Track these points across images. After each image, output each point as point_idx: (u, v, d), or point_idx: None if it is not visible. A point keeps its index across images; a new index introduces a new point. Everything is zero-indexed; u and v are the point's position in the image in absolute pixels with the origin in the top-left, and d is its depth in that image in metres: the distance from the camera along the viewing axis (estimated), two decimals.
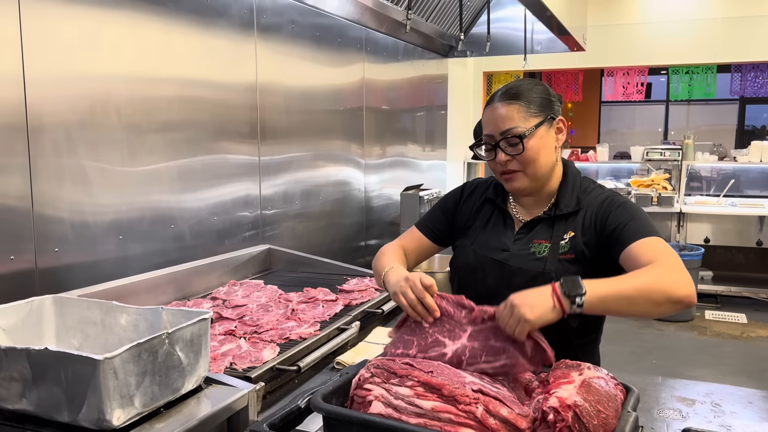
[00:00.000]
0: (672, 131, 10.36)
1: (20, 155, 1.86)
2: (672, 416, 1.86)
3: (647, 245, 1.39)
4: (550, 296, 1.25)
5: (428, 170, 5.24)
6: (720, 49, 6.62)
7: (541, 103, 1.54)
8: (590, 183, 1.63)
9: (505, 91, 1.55)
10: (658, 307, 1.28)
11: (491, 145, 1.55)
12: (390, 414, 1.15)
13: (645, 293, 1.27)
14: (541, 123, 1.53)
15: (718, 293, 6.30)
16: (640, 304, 1.27)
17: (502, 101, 1.54)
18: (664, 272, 1.30)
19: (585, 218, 1.54)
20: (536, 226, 1.59)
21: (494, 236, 1.63)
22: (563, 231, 1.55)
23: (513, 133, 1.51)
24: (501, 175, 1.57)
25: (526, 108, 1.52)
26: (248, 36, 2.85)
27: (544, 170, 1.56)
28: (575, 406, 1.09)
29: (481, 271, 1.60)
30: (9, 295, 1.66)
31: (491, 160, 1.56)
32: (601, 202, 1.55)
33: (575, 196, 1.57)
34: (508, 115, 1.52)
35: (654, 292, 1.27)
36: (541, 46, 5.35)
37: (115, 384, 1.22)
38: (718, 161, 6.67)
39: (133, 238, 2.26)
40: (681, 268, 1.32)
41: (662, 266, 1.31)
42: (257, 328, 1.96)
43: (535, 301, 1.24)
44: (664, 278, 1.28)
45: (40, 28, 1.90)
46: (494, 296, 1.38)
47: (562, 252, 1.52)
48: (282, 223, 3.18)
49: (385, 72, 4.32)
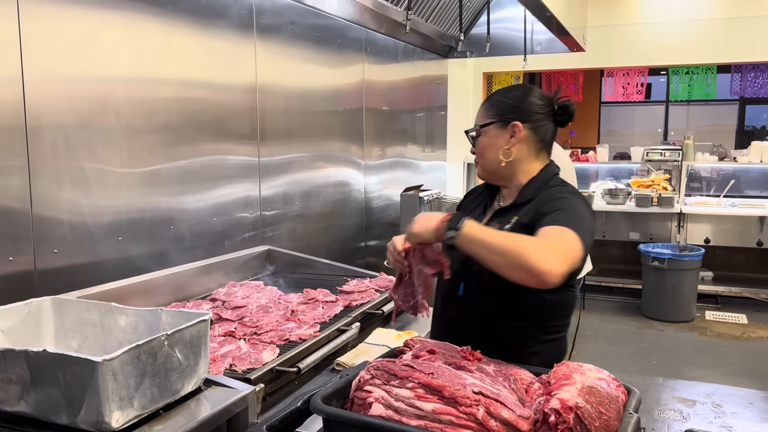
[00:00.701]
0: (672, 132, 10.36)
1: (19, 156, 1.86)
2: (673, 417, 1.86)
3: (552, 228, 1.44)
4: (437, 221, 1.42)
5: (428, 171, 5.24)
6: (720, 50, 6.62)
7: (503, 107, 1.70)
8: (560, 183, 1.70)
9: (490, 95, 1.78)
10: (514, 269, 1.32)
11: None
12: (390, 416, 1.14)
13: (508, 252, 1.32)
14: (490, 124, 1.70)
15: (719, 294, 6.29)
16: (499, 259, 1.33)
17: (482, 105, 1.76)
18: (539, 245, 1.35)
19: (532, 206, 1.62)
20: (499, 215, 1.73)
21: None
22: (512, 216, 1.65)
23: (470, 132, 1.77)
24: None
25: (487, 109, 1.72)
26: (248, 37, 2.85)
27: (492, 166, 1.72)
28: (577, 408, 1.08)
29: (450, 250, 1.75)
30: (8, 297, 1.66)
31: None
32: (550, 193, 1.63)
33: (534, 189, 1.67)
34: (477, 116, 1.75)
35: (516, 255, 1.31)
36: (541, 46, 5.34)
37: (114, 386, 1.21)
38: (718, 162, 6.67)
39: (132, 240, 2.26)
40: (558, 250, 1.35)
41: (542, 241, 1.38)
42: (257, 329, 1.96)
43: (424, 220, 1.47)
44: (533, 249, 1.32)
45: (39, 29, 1.90)
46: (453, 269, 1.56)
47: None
48: (282, 224, 3.18)
49: (384, 73, 4.32)
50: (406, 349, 1.42)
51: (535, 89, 1.73)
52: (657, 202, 6.25)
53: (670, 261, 5.69)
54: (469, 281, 1.65)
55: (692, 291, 5.83)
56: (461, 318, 1.67)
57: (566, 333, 1.74)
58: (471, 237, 1.36)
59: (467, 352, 1.36)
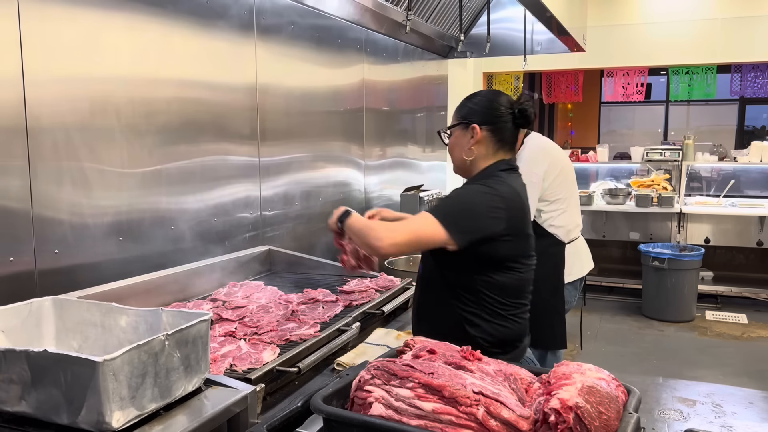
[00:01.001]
0: (672, 132, 10.37)
1: (19, 157, 1.86)
2: (673, 417, 1.86)
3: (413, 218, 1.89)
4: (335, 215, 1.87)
5: (428, 171, 5.24)
6: (720, 50, 6.62)
7: (465, 110, 1.94)
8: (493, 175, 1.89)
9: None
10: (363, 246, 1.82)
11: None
12: (390, 416, 1.15)
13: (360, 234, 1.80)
14: (455, 125, 1.94)
15: (719, 294, 6.29)
16: (357, 240, 1.82)
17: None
18: (381, 226, 1.79)
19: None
20: None
21: None
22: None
23: (441, 130, 2.02)
24: None
25: (455, 113, 1.96)
26: (248, 37, 2.85)
27: (458, 162, 1.97)
28: (577, 408, 1.08)
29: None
30: (8, 297, 1.66)
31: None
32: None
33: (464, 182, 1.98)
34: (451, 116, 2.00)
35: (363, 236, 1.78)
36: (541, 46, 5.34)
37: (114, 386, 1.21)
38: (718, 161, 6.67)
39: (132, 240, 2.26)
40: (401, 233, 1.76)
41: (385, 228, 1.78)
42: (257, 329, 1.96)
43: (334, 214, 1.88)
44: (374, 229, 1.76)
45: (40, 29, 1.90)
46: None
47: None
48: (282, 225, 3.18)
49: (385, 73, 4.32)
50: (406, 348, 1.42)
51: (500, 94, 1.94)
52: (657, 202, 6.25)
53: (671, 261, 5.69)
54: (425, 263, 1.95)
55: (692, 291, 5.83)
56: (421, 294, 1.99)
57: (518, 317, 1.90)
58: (348, 226, 1.83)
59: (467, 351, 1.36)
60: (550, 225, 3.31)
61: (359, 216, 1.87)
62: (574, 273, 3.46)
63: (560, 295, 3.34)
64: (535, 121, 10.97)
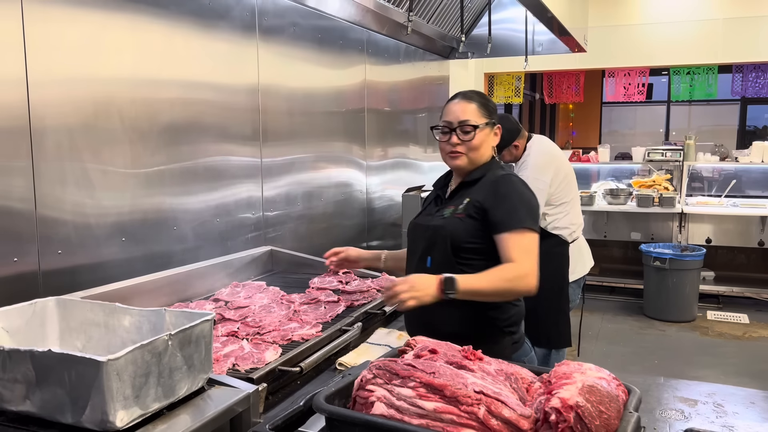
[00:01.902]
0: (673, 132, 10.36)
1: (23, 157, 1.87)
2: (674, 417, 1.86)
3: (517, 242, 1.84)
4: (435, 287, 1.75)
5: (430, 171, 5.24)
6: (721, 50, 6.62)
7: (489, 109, 2.02)
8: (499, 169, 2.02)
9: (468, 93, 2.06)
10: (509, 297, 1.89)
11: (448, 129, 1.99)
12: (392, 415, 1.15)
13: (499, 293, 1.84)
14: (487, 124, 2.00)
15: (720, 294, 6.29)
16: (495, 297, 1.87)
17: (463, 99, 2.03)
18: (520, 277, 1.79)
19: (480, 189, 1.95)
20: (453, 198, 2.04)
21: (428, 209, 2.11)
22: (464, 197, 1.97)
23: (469, 123, 1.97)
24: (447, 153, 2.01)
25: (480, 109, 1.99)
26: (250, 38, 2.86)
27: (482, 158, 2.01)
28: (577, 407, 1.09)
29: (412, 233, 2.10)
30: (12, 297, 1.66)
31: (444, 141, 2.00)
32: (494, 179, 1.95)
33: (481, 172, 2.00)
34: (467, 110, 1.99)
35: (506, 293, 1.84)
36: (542, 47, 5.35)
37: (118, 385, 1.22)
38: (720, 162, 6.66)
39: (135, 240, 2.27)
40: (532, 269, 1.81)
41: (520, 270, 1.79)
42: (260, 329, 1.97)
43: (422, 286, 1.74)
44: (517, 284, 1.79)
45: (43, 30, 1.91)
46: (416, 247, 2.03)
47: (458, 212, 1.95)
48: (284, 225, 3.19)
49: (386, 73, 4.33)
50: (408, 348, 1.42)
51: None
52: (658, 202, 6.25)
53: (672, 261, 5.69)
54: (435, 254, 1.95)
55: (694, 291, 5.83)
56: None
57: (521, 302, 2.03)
58: (465, 291, 1.75)
59: (468, 351, 1.36)
60: (555, 227, 3.33)
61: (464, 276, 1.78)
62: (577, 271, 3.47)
63: (565, 294, 3.36)
64: (537, 122, 10.95)
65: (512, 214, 1.87)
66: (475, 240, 1.90)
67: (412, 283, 1.74)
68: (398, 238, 4.46)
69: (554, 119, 11.36)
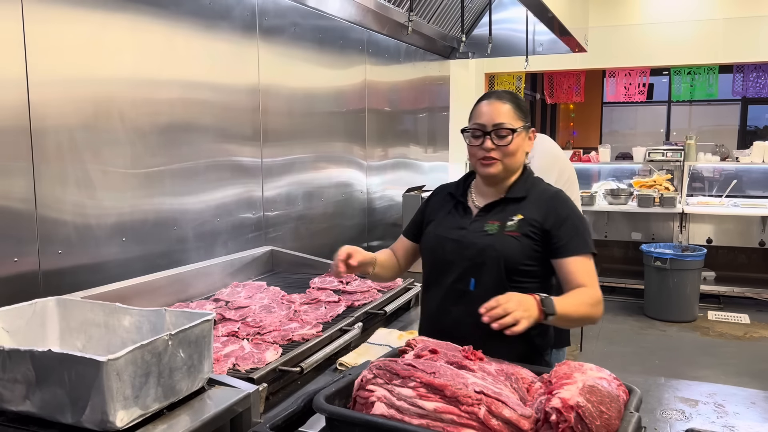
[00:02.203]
0: (674, 132, 10.36)
1: (24, 158, 1.87)
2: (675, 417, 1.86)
3: (583, 267, 1.72)
4: (535, 308, 1.52)
5: (430, 171, 5.24)
6: (722, 50, 6.61)
7: (524, 111, 1.81)
8: (541, 182, 1.88)
9: (501, 93, 1.83)
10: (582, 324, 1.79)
11: (481, 132, 1.77)
12: (392, 415, 1.15)
13: (582, 320, 1.75)
14: (524, 127, 1.79)
15: (721, 294, 6.28)
16: (573, 324, 1.78)
17: (496, 99, 1.79)
18: (598, 303, 1.71)
19: (532, 206, 1.78)
20: (491, 210, 1.82)
21: (453, 221, 1.86)
22: (513, 213, 1.78)
23: (506, 127, 1.75)
24: (480, 159, 1.79)
25: (515, 110, 1.78)
26: (250, 38, 2.86)
27: (517, 165, 1.81)
28: (578, 407, 1.09)
29: (440, 248, 1.84)
30: (13, 297, 1.67)
31: (476, 146, 1.78)
32: (549, 197, 1.80)
33: (525, 187, 1.83)
34: (502, 111, 1.76)
35: (587, 320, 1.73)
36: (543, 47, 5.35)
37: (118, 385, 1.22)
38: (721, 162, 6.65)
39: (136, 240, 2.27)
40: (600, 295, 1.72)
41: (596, 296, 1.70)
42: (260, 329, 1.97)
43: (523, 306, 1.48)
44: (597, 310, 1.70)
45: (44, 30, 1.91)
46: (450, 267, 1.77)
47: (508, 230, 1.75)
48: (284, 225, 3.19)
49: (387, 74, 4.33)
50: (408, 348, 1.42)
51: None
52: (659, 203, 6.24)
53: (673, 261, 5.69)
54: (481, 276, 1.73)
55: (694, 291, 5.82)
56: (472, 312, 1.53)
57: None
58: (558, 317, 1.57)
59: (469, 351, 1.36)
60: None
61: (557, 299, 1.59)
62: None
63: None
64: (537, 122, 10.93)
65: (578, 238, 1.73)
66: (532, 262, 1.73)
67: (519, 301, 1.48)
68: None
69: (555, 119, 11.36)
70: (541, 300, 1.53)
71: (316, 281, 2.54)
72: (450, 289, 1.78)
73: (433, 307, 1.83)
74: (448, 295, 1.77)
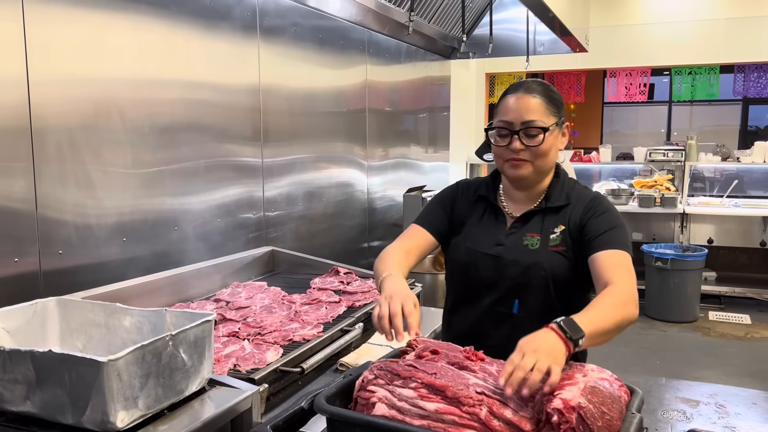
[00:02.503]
0: (675, 132, 10.34)
1: (24, 158, 1.87)
2: (676, 417, 1.86)
3: (613, 260, 1.50)
4: (558, 340, 1.24)
5: (431, 172, 5.24)
6: (723, 50, 6.61)
7: (557, 104, 1.62)
8: (576, 182, 1.72)
9: (530, 85, 1.61)
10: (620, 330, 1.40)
11: (508, 131, 1.58)
12: (393, 415, 1.15)
13: (618, 326, 1.38)
14: (557, 124, 1.61)
15: (722, 294, 6.28)
16: (613, 335, 1.38)
17: (526, 92, 1.59)
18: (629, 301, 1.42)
19: (573, 213, 1.61)
20: (529, 221, 1.64)
21: (487, 232, 1.68)
22: (554, 224, 1.61)
23: (536, 125, 1.56)
24: (507, 161, 1.61)
25: (547, 105, 1.59)
26: (251, 38, 2.86)
27: (549, 166, 1.64)
28: (579, 408, 1.09)
29: (474, 265, 1.65)
30: (13, 298, 1.66)
31: (503, 146, 1.59)
32: (588, 201, 1.62)
33: (564, 192, 1.65)
34: (532, 107, 1.57)
35: (623, 324, 1.40)
36: (544, 47, 5.34)
37: (119, 386, 1.22)
38: (722, 162, 6.66)
39: (136, 241, 2.27)
40: (635, 292, 1.46)
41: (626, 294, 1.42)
42: (260, 329, 1.96)
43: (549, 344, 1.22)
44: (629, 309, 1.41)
45: (44, 30, 1.91)
46: (489, 287, 1.60)
47: (552, 244, 1.59)
48: (285, 225, 3.19)
49: (387, 74, 4.33)
50: (409, 349, 1.42)
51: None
52: (660, 203, 6.24)
53: (673, 261, 5.69)
54: (527, 297, 1.58)
55: (695, 291, 5.82)
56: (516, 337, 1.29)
57: None
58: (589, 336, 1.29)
59: (470, 352, 1.36)
60: None
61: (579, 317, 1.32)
62: None
63: None
64: None
65: (611, 232, 1.54)
66: (577, 277, 1.58)
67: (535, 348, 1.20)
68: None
69: None
70: (560, 327, 1.25)
71: (317, 281, 2.54)
72: (489, 311, 1.60)
73: (465, 327, 1.67)
74: (487, 317, 1.59)
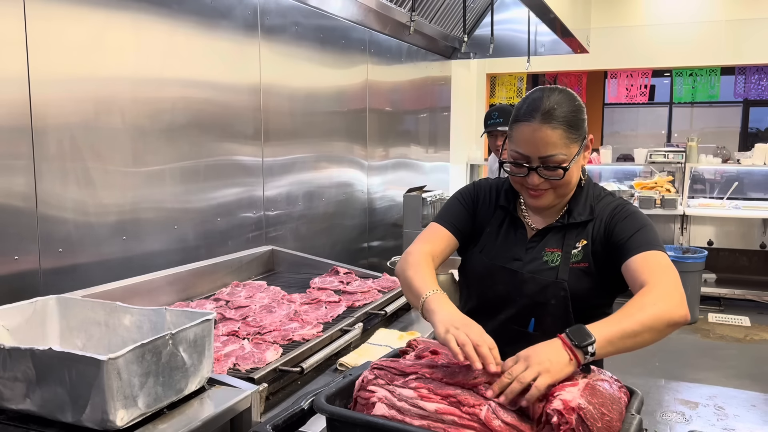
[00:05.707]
0: (675, 133, 10.34)
1: (25, 156, 1.87)
2: (675, 419, 1.86)
3: (647, 261, 1.41)
4: (563, 350, 1.18)
5: (431, 172, 5.24)
6: (723, 52, 6.61)
7: (580, 125, 1.47)
8: (602, 190, 1.61)
9: (548, 111, 1.43)
10: (660, 333, 1.29)
11: (525, 165, 1.47)
12: (393, 415, 1.15)
13: (648, 326, 1.26)
14: (579, 148, 1.48)
15: (722, 296, 6.28)
16: (645, 336, 1.26)
17: (544, 122, 1.43)
18: (661, 298, 1.30)
19: (596, 227, 1.52)
20: (548, 234, 1.56)
21: (506, 245, 1.59)
22: (575, 239, 1.53)
23: (555, 161, 1.44)
24: (527, 190, 1.52)
25: (568, 133, 1.44)
26: (252, 38, 2.86)
27: (572, 189, 1.54)
28: (579, 409, 1.08)
29: (490, 279, 1.58)
30: (13, 296, 1.67)
31: (520, 177, 1.49)
32: (611, 210, 1.53)
33: (588, 204, 1.55)
34: (551, 141, 1.43)
35: (656, 322, 1.27)
36: (545, 48, 5.35)
37: (118, 384, 1.22)
38: (722, 163, 6.65)
39: (136, 239, 2.27)
40: (676, 289, 1.34)
41: (658, 290, 1.32)
42: (260, 329, 1.96)
43: (551, 356, 1.17)
44: (662, 306, 1.29)
45: (45, 29, 1.91)
46: (505, 303, 1.54)
47: (574, 261, 1.51)
48: (285, 225, 3.19)
49: (388, 73, 4.33)
50: (409, 349, 1.42)
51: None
52: (660, 204, 6.24)
53: (673, 263, 5.68)
54: (544, 317, 1.51)
55: (695, 293, 5.82)
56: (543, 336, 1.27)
57: None
58: (609, 340, 1.21)
59: None
60: None
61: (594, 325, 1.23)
62: None
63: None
64: None
65: (640, 234, 1.45)
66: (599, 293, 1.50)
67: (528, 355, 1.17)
68: (399, 239, 4.45)
69: None
70: (567, 335, 1.19)
71: (317, 281, 2.54)
72: (503, 328, 1.51)
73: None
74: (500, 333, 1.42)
